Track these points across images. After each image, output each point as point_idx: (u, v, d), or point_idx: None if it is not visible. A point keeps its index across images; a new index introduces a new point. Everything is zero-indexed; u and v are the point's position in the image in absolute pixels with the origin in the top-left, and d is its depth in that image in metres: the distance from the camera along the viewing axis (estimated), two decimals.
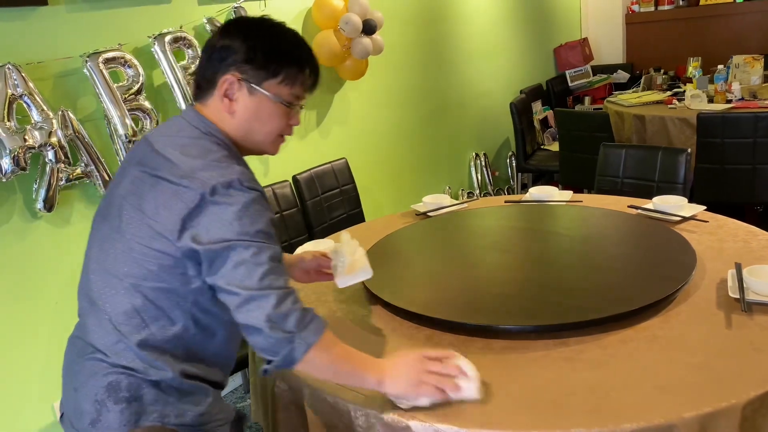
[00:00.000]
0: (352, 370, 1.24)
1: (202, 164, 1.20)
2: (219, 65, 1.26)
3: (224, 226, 1.16)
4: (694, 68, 4.63)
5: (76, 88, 2.28)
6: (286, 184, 2.87)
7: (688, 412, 1.14)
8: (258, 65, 1.25)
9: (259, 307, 1.16)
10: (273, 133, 1.32)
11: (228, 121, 1.29)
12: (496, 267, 1.86)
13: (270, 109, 1.28)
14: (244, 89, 1.26)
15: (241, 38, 1.26)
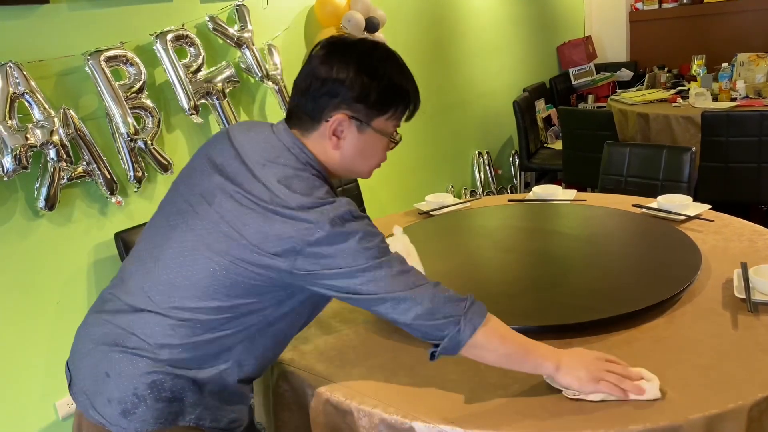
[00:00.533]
0: (525, 355, 1.22)
1: (311, 202, 1.16)
2: (329, 101, 1.22)
3: (351, 255, 1.16)
4: (698, 66, 4.61)
5: (77, 87, 2.27)
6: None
7: (694, 414, 1.13)
8: (371, 105, 1.23)
9: (416, 304, 1.17)
10: (375, 165, 1.35)
11: (331, 155, 1.26)
12: (498, 266, 1.85)
13: (376, 145, 1.29)
14: (353, 127, 1.24)
15: (353, 73, 1.21)
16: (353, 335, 1.56)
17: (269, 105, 3.05)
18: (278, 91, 2.94)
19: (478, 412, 1.21)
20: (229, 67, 2.71)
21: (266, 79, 2.84)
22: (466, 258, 1.93)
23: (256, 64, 2.79)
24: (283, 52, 3.05)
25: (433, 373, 1.36)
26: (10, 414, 2.20)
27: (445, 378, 1.33)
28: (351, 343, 1.52)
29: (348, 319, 1.65)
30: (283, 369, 1.46)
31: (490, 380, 1.30)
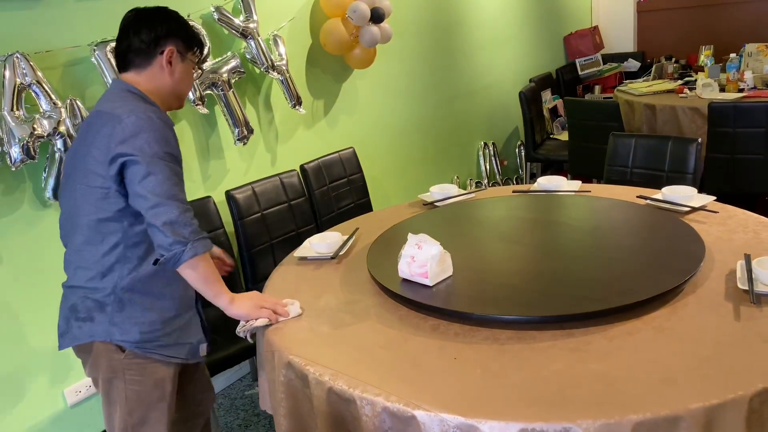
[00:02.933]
0: (215, 286, 1.58)
1: (120, 105, 1.54)
2: (159, 40, 1.62)
3: (141, 144, 1.49)
4: (705, 57, 4.58)
5: (84, 77, 2.29)
6: (293, 174, 2.87)
7: (695, 404, 1.14)
8: (185, 42, 1.67)
9: (165, 212, 1.48)
10: (189, 89, 1.74)
11: (165, 82, 1.66)
12: (502, 257, 1.86)
13: (191, 73, 1.72)
14: (178, 57, 1.66)
15: (173, 22, 1.66)
16: (357, 325, 1.58)
17: (274, 95, 3.06)
18: (283, 82, 2.94)
19: (480, 401, 1.22)
20: (234, 58, 2.71)
21: (271, 70, 2.84)
22: (471, 249, 1.93)
23: (261, 55, 2.79)
24: (288, 43, 3.06)
25: (435, 362, 1.37)
26: (19, 402, 2.23)
27: (447, 367, 1.34)
28: (355, 333, 1.54)
29: (352, 310, 1.67)
30: (287, 358, 1.47)
31: (491, 369, 1.32)
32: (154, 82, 1.64)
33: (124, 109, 1.52)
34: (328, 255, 2.03)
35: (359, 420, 1.30)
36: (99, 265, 1.57)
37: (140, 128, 1.50)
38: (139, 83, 1.63)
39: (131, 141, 1.49)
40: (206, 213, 2.55)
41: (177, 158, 1.57)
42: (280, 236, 2.76)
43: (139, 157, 1.48)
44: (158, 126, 1.53)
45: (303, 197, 2.88)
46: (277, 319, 1.64)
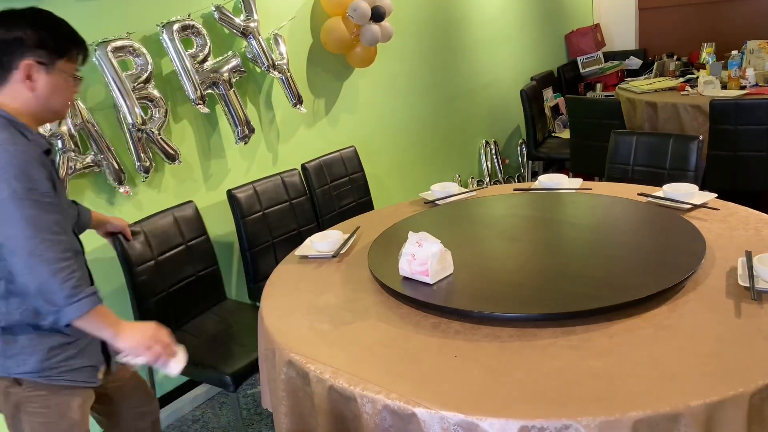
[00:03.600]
0: (102, 332, 1.44)
1: None
2: (12, 54, 1.42)
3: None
4: (707, 54, 4.56)
5: (85, 78, 2.28)
6: (294, 173, 2.87)
7: (695, 401, 1.14)
8: (51, 50, 1.45)
9: (33, 279, 1.34)
10: (67, 100, 1.53)
11: (28, 98, 1.45)
12: (503, 255, 1.86)
13: (64, 83, 1.49)
14: (42, 70, 1.44)
15: (30, 29, 1.43)
16: (358, 323, 1.58)
17: (275, 94, 3.06)
18: (284, 81, 2.94)
19: (480, 399, 1.22)
20: (235, 57, 2.72)
21: (272, 69, 2.85)
22: (471, 247, 1.94)
23: (262, 54, 2.79)
24: (289, 42, 3.06)
25: (435, 360, 1.37)
26: None
27: (448, 365, 1.35)
28: (355, 331, 1.54)
29: (353, 308, 1.67)
30: (288, 356, 1.48)
31: (492, 367, 1.32)
32: (18, 101, 1.44)
33: None
34: (329, 253, 2.04)
35: (360, 418, 1.30)
36: None
37: None
38: (1, 102, 1.43)
39: None
40: (189, 220, 2.41)
41: (41, 190, 1.36)
42: (281, 235, 2.76)
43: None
44: (12, 162, 1.34)
45: (304, 196, 2.88)
46: (157, 364, 1.49)
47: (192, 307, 2.37)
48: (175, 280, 2.30)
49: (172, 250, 2.30)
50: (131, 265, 2.15)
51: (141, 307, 2.19)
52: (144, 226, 2.23)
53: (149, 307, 2.20)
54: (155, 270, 2.22)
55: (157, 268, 2.23)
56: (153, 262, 2.22)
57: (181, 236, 2.35)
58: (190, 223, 2.40)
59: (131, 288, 2.17)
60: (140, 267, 2.17)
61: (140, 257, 2.18)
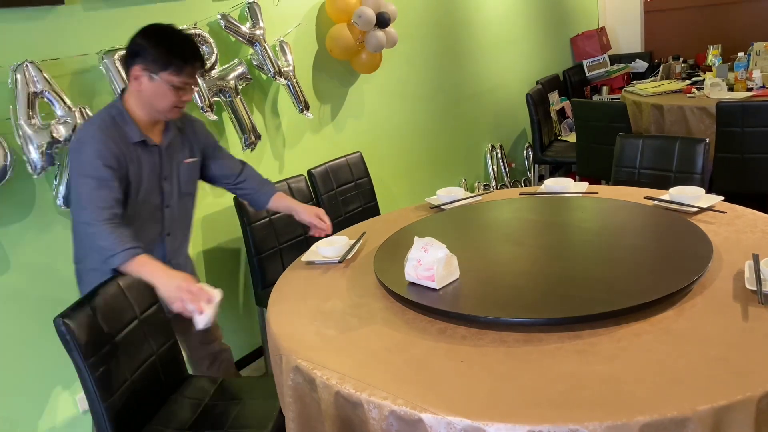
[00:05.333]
0: (147, 277, 1.75)
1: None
2: (132, 61, 1.82)
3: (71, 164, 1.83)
4: (713, 56, 4.55)
5: (93, 86, 2.31)
6: (301, 179, 2.88)
7: (702, 405, 1.14)
8: (153, 62, 1.80)
9: (94, 235, 1.75)
10: (170, 104, 1.86)
11: (138, 97, 1.86)
12: (509, 260, 1.86)
13: (166, 90, 1.83)
14: (146, 77, 1.82)
15: (147, 43, 1.81)
16: (364, 329, 1.58)
17: (281, 101, 3.08)
18: (290, 87, 2.96)
19: (487, 404, 1.22)
20: (241, 65, 2.74)
21: (278, 76, 2.86)
22: (477, 251, 1.94)
23: (268, 61, 2.81)
24: (294, 49, 3.08)
25: (442, 365, 1.37)
26: (33, 408, 2.25)
27: (454, 370, 1.35)
28: (362, 337, 1.54)
29: (359, 314, 1.67)
30: (295, 362, 1.48)
31: (498, 371, 1.32)
32: (132, 98, 1.88)
33: (80, 129, 1.87)
34: (335, 259, 2.04)
35: (367, 423, 1.30)
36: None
37: (72, 149, 1.82)
38: (127, 98, 1.89)
39: (70, 157, 1.83)
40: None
41: (110, 166, 1.79)
42: (288, 241, 2.77)
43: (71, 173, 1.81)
44: (93, 140, 1.78)
45: (311, 202, 2.89)
46: (188, 313, 1.69)
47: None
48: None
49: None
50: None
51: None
52: None
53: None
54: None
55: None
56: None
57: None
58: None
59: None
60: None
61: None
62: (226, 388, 2.02)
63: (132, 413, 1.78)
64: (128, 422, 1.76)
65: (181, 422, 1.87)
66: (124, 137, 1.85)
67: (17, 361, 2.20)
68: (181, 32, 1.88)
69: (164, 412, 1.90)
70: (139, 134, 1.88)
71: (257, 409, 1.90)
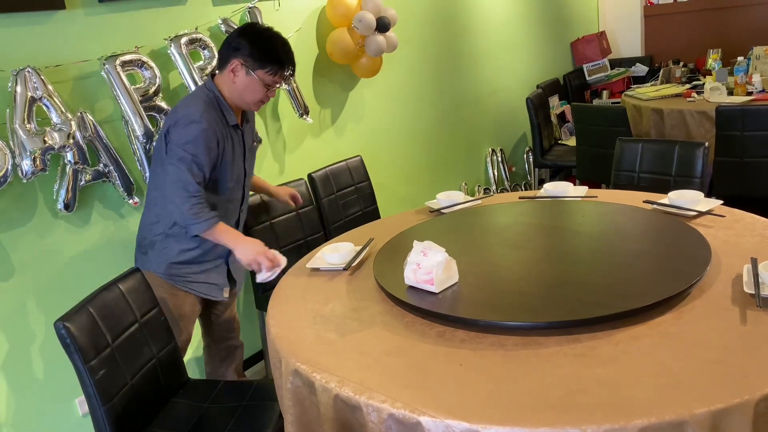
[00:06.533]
0: (223, 240, 2.02)
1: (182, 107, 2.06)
2: (232, 53, 2.02)
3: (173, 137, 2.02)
4: (713, 60, 4.56)
5: (94, 91, 2.32)
6: (301, 182, 2.89)
7: (700, 408, 1.14)
8: (255, 59, 2.01)
9: (178, 204, 1.96)
10: (258, 100, 2.09)
11: (230, 87, 2.06)
12: (508, 264, 1.86)
13: (258, 87, 2.05)
14: (243, 70, 2.03)
15: (247, 41, 2.02)
16: (364, 332, 1.59)
17: (282, 105, 3.09)
18: (290, 92, 2.97)
19: (485, 407, 1.22)
20: None
21: None
22: (476, 255, 1.94)
23: None
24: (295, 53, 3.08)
25: (440, 368, 1.38)
26: (33, 411, 2.26)
27: (453, 373, 1.35)
28: (361, 340, 1.55)
29: (358, 317, 1.68)
30: (294, 366, 1.48)
31: (497, 375, 1.32)
32: (224, 86, 2.07)
33: (182, 106, 2.04)
34: (340, 266, 2.02)
35: (365, 427, 1.30)
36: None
37: (178, 121, 1.98)
38: (218, 83, 2.08)
39: (172, 130, 1.99)
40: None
41: (210, 147, 2.00)
42: (288, 245, 2.78)
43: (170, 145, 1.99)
44: (203, 119, 1.97)
45: (311, 206, 2.90)
46: (262, 273, 1.99)
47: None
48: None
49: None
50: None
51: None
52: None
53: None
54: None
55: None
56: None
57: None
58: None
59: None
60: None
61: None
62: (227, 391, 2.03)
63: (132, 416, 1.78)
64: (128, 425, 1.76)
65: (181, 425, 1.87)
66: (222, 120, 2.05)
67: (18, 363, 2.21)
68: (280, 35, 2.09)
69: (164, 416, 1.91)
70: (234, 118, 2.09)
71: (257, 412, 1.90)
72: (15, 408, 2.21)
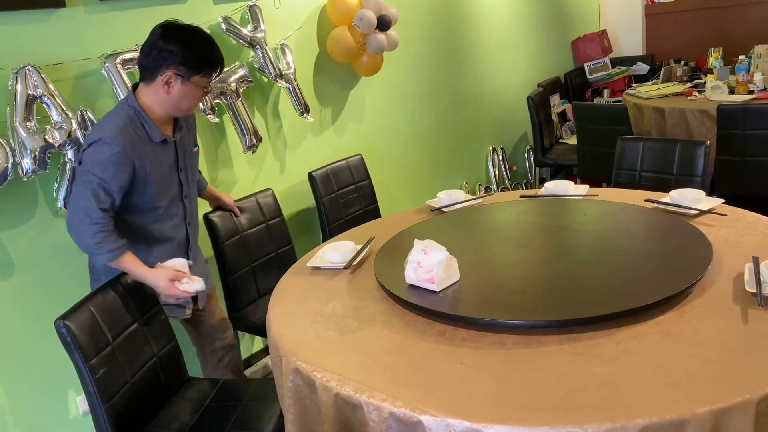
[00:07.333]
0: (132, 273, 1.90)
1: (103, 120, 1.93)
2: (162, 63, 1.86)
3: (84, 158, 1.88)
4: (715, 59, 4.55)
5: (94, 89, 2.32)
6: (269, 193, 2.84)
7: (702, 408, 1.14)
8: (190, 67, 1.87)
9: (78, 232, 1.85)
10: (194, 105, 1.99)
11: (163, 99, 1.91)
12: (509, 262, 1.86)
13: (195, 93, 1.94)
14: (179, 80, 1.89)
15: (179, 47, 1.85)
16: (364, 331, 1.58)
17: (282, 104, 3.08)
18: (291, 90, 2.97)
19: (486, 406, 1.22)
20: (242, 67, 2.74)
21: (279, 78, 2.87)
22: (477, 254, 1.94)
23: (269, 64, 2.82)
24: (295, 51, 3.08)
25: (441, 367, 1.37)
26: (33, 409, 2.26)
27: (453, 372, 1.35)
28: (362, 339, 1.55)
29: (359, 316, 1.67)
30: (295, 364, 1.48)
31: (498, 374, 1.32)
32: (154, 99, 1.91)
33: (96, 129, 1.89)
34: (341, 265, 2.02)
35: (366, 425, 1.30)
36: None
37: (90, 146, 1.84)
38: (142, 96, 1.92)
39: (86, 151, 1.85)
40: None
41: (122, 173, 1.85)
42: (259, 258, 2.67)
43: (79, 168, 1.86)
44: (114, 143, 1.82)
45: (278, 217, 2.80)
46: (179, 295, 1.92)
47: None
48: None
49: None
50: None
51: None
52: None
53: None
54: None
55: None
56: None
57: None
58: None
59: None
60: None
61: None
62: (227, 390, 2.03)
63: (132, 415, 1.78)
64: (129, 424, 1.76)
65: (181, 424, 1.87)
66: (144, 138, 1.91)
67: (18, 362, 2.21)
68: (203, 33, 1.93)
69: (165, 414, 1.91)
70: (159, 134, 1.94)
71: (257, 411, 1.90)
72: (15, 406, 2.21)
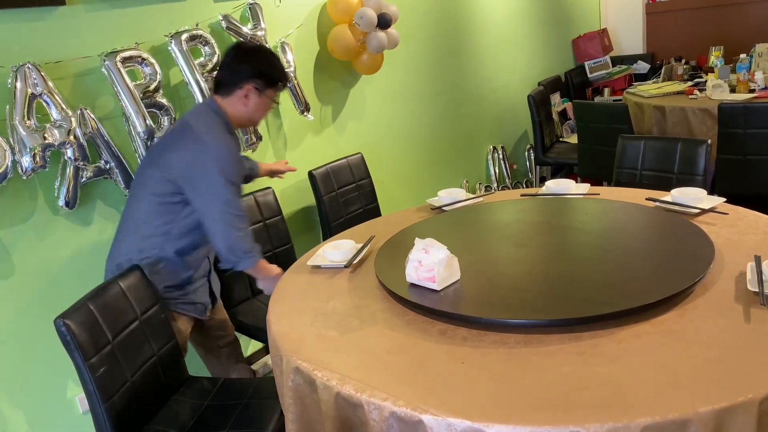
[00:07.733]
0: (255, 273, 2.15)
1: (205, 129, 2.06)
2: (242, 77, 2.08)
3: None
4: (715, 57, 4.55)
5: (94, 87, 2.31)
6: (269, 191, 2.85)
7: (704, 407, 1.13)
8: (266, 82, 2.11)
9: (225, 237, 2.03)
10: (265, 116, 2.21)
11: (241, 110, 2.12)
12: (510, 261, 1.85)
13: (267, 105, 2.17)
14: (256, 93, 2.11)
15: (256, 65, 2.10)
16: (365, 330, 1.58)
17: (283, 102, 3.08)
18: (291, 88, 2.96)
19: (487, 405, 1.22)
20: None
21: None
22: (478, 253, 1.93)
23: None
24: (296, 50, 3.08)
25: (442, 366, 1.37)
26: (33, 409, 2.25)
27: (454, 371, 1.35)
28: (362, 338, 1.54)
29: (360, 315, 1.67)
30: (296, 363, 1.48)
31: (499, 373, 1.31)
32: (234, 110, 2.11)
33: (210, 135, 2.02)
34: (341, 264, 2.02)
35: (367, 425, 1.30)
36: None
37: (209, 153, 1.99)
38: (222, 107, 2.11)
39: (202, 157, 2.00)
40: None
41: (237, 180, 2.05)
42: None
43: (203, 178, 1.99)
44: (228, 146, 2.04)
45: (278, 216, 2.82)
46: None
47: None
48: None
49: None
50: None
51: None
52: None
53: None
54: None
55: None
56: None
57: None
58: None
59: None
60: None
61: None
62: (227, 389, 2.03)
63: (132, 414, 1.78)
64: (129, 423, 1.76)
65: (181, 423, 1.87)
66: (235, 141, 2.14)
67: (18, 361, 2.21)
68: (273, 52, 2.22)
69: (165, 413, 1.91)
70: (239, 145, 2.19)
71: (258, 410, 1.90)
72: (15, 405, 2.21)
